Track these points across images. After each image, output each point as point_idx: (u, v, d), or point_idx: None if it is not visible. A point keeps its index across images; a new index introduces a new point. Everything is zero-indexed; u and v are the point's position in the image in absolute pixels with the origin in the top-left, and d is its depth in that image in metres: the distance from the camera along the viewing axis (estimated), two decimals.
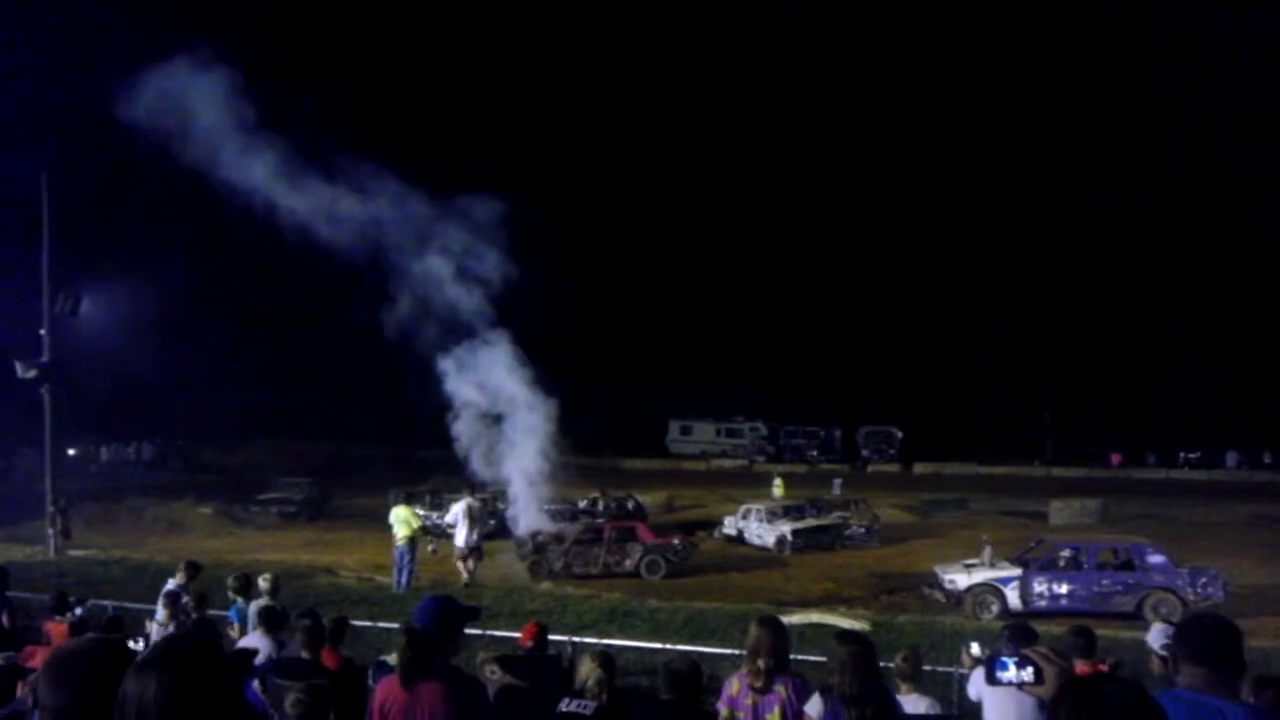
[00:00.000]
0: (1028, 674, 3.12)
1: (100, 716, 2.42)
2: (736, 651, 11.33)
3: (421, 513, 32.06)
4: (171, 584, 11.29)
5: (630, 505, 32.70)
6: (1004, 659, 3.18)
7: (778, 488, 38.19)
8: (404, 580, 20.80)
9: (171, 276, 53.62)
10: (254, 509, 36.99)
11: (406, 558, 20.85)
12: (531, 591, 21.02)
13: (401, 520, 21.17)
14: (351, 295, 30.95)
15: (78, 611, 9.52)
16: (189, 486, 41.74)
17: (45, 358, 26.35)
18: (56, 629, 10.07)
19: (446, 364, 27.20)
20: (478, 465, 27.92)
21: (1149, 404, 63.36)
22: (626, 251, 73.67)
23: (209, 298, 61.78)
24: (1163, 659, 6.91)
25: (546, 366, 28.94)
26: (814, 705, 5.28)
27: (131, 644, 9.13)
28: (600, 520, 28.74)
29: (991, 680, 3.21)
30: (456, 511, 22.70)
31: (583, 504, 31.84)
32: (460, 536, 22.11)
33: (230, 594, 11.46)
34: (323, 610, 9.16)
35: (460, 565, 22.17)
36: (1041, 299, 74.56)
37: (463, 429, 27.55)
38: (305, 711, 5.66)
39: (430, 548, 22.45)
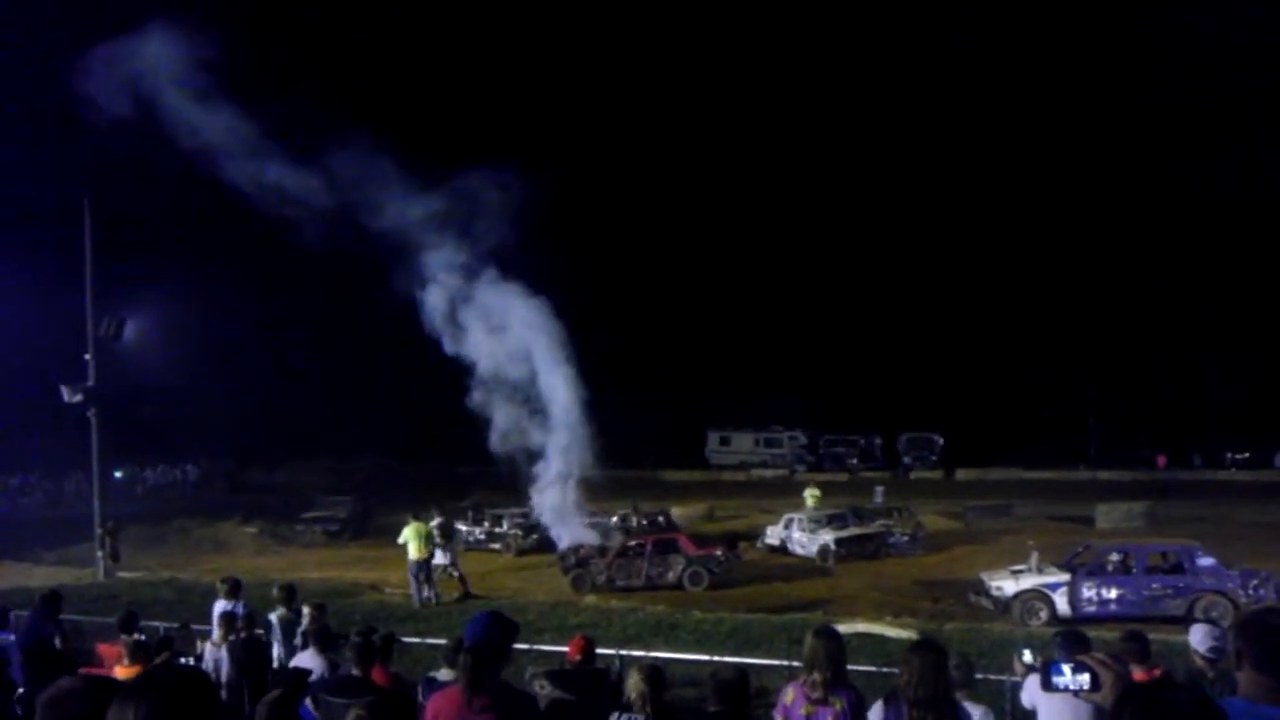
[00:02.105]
0: (1084, 680, 3.09)
1: None
2: (782, 662, 11.30)
3: (464, 528, 32.65)
4: (225, 604, 11.43)
5: (661, 521, 32.46)
6: (1060, 665, 3.15)
7: (811, 497, 37.15)
8: (427, 595, 21.72)
9: (212, 297, 54.36)
10: (299, 528, 37.27)
11: (424, 574, 21.84)
12: (576, 605, 21.11)
13: (420, 537, 22.16)
14: (389, 310, 31.38)
15: (141, 637, 9.62)
16: (234, 506, 42.08)
17: (91, 381, 26.71)
18: (109, 651, 10.19)
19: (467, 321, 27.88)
20: (498, 443, 28.63)
21: (1194, 404, 62.56)
22: (665, 262, 73.63)
23: (251, 317, 62.54)
24: (1208, 660, 6.81)
25: (584, 379, 29.25)
26: (875, 713, 5.27)
27: (184, 661, 9.27)
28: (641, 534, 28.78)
29: (1047, 686, 3.17)
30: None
31: (613, 520, 31.60)
32: (436, 554, 23.17)
33: (275, 604, 11.69)
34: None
35: (456, 575, 23.45)
36: (1082, 300, 73.93)
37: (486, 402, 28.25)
38: None
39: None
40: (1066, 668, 3.12)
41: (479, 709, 4.84)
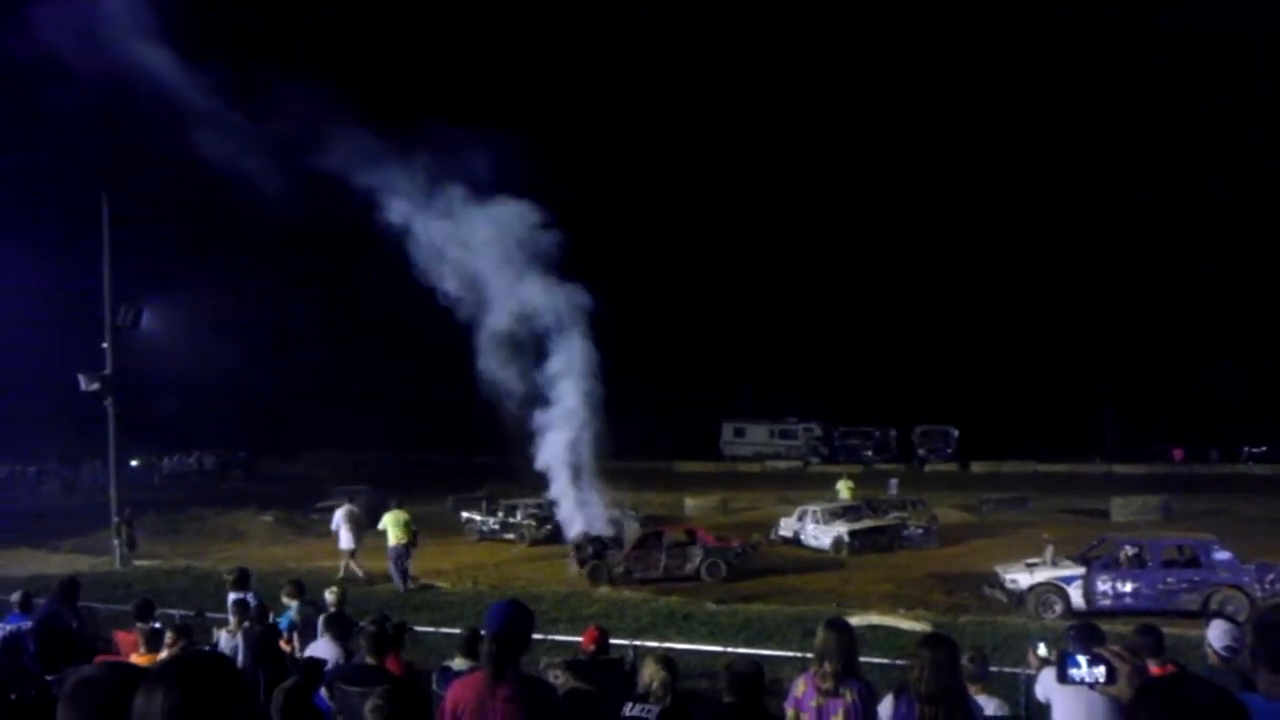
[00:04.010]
0: (1100, 672, 3.07)
1: None
2: (796, 654, 11.30)
3: (478, 518, 32.64)
4: (236, 594, 11.43)
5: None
6: (1075, 657, 3.13)
7: (845, 488, 36.24)
8: (401, 581, 21.93)
9: (228, 287, 54.55)
10: (313, 517, 37.33)
11: (404, 560, 22.12)
12: (589, 595, 21.11)
13: (400, 524, 22.36)
14: (407, 303, 31.40)
15: (156, 625, 9.66)
16: (250, 495, 42.18)
17: (108, 370, 26.81)
18: (126, 639, 10.24)
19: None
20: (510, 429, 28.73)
21: (1211, 398, 62.24)
22: (681, 255, 73.59)
23: (267, 308, 62.77)
24: (1222, 657, 6.76)
25: (600, 370, 29.29)
26: (885, 706, 5.26)
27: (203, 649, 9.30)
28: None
29: (1063, 679, 3.16)
30: (338, 518, 24.37)
31: (614, 514, 30.38)
32: (344, 540, 23.85)
33: (284, 600, 11.63)
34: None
35: (349, 564, 23.60)
36: (1099, 293, 73.59)
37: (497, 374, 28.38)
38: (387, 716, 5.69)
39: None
40: (1082, 660, 3.10)
41: (502, 698, 4.83)
